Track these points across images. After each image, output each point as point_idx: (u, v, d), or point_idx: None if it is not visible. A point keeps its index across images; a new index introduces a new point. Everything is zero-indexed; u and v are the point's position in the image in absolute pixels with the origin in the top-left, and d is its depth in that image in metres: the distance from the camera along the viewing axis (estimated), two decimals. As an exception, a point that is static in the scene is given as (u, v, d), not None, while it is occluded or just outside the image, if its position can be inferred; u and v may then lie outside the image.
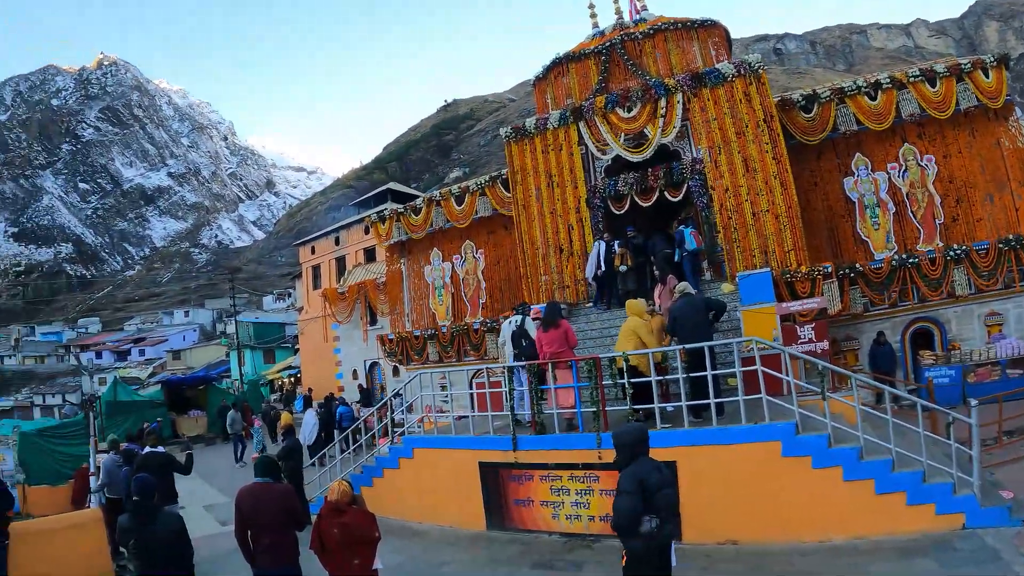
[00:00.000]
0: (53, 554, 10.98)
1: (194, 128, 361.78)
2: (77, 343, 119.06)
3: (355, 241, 38.01)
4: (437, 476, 13.18)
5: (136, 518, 6.97)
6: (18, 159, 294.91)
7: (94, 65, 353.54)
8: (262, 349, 60.61)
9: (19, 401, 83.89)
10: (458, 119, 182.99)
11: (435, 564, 10.62)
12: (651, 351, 10.76)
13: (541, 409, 11.64)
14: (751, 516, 9.66)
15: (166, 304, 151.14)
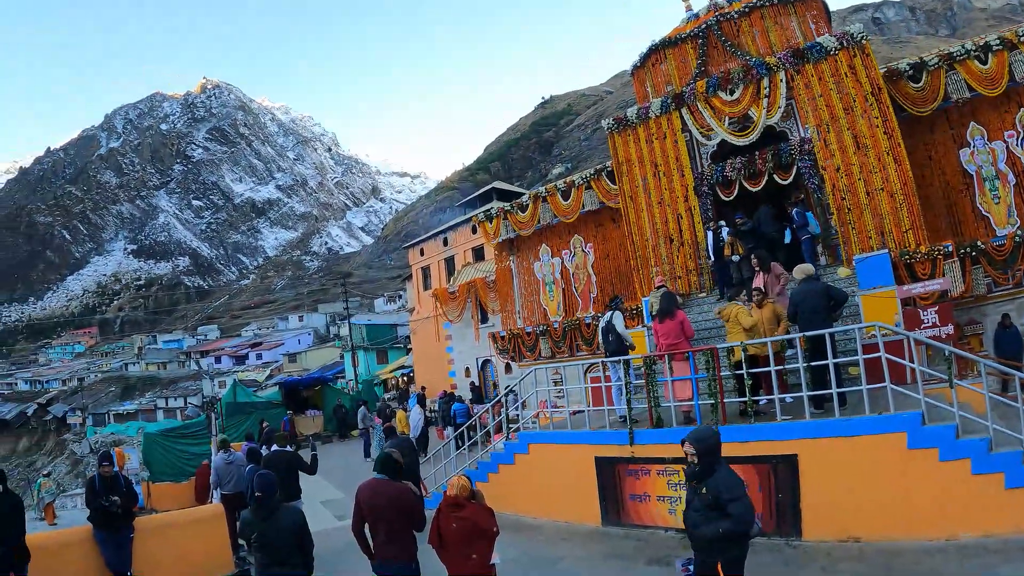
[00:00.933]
0: (176, 547, 11.46)
1: (299, 141, 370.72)
2: (197, 349, 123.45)
3: (463, 241, 38.20)
4: (552, 471, 13.10)
5: (258, 513, 7.14)
6: (133, 182, 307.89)
7: (198, 89, 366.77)
8: (375, 350, 61.52)
9: (143, 405, 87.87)
10: (557, 115, 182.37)
11: (550, 559, 10.58)
12: (769, 340, 10.45)
13: (658, 402, 11.42)
14: (874, 512, 9.21)
15: (281, 310, 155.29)
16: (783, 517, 9.87)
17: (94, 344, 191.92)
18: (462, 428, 18.19)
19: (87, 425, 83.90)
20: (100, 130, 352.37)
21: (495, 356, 28.80)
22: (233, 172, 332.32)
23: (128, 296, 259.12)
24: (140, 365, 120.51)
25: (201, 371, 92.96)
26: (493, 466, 14.37)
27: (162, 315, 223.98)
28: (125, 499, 10.65)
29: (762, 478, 10.10)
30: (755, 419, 10.43)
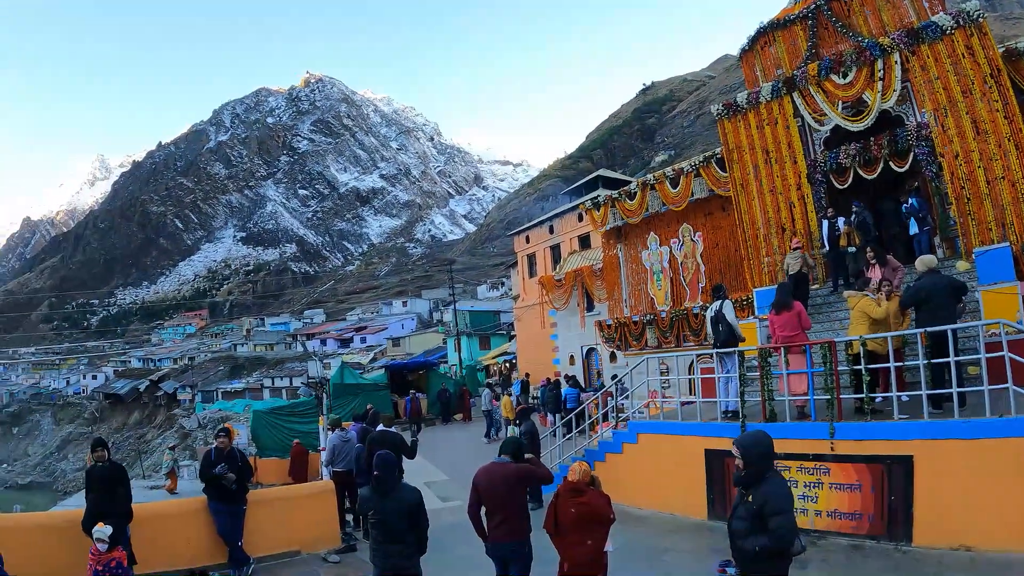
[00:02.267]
0: (286, 520, 12.04)
1: (401, 132, 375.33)
2: (303, 332, 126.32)
3: (569, 229, 38.00)
4: (660, 462, 13.05)
5: (377, 491, 7.29)
6: (242, 173, 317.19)
7: (302, 83, 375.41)
8: (478, 336, 61.94)
9: (250, 383, 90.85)
10: (658, 101, 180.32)
11: (656, 550, 10.58)
12: (891, 335, 10.13)
13: (772, 396, 11.22)
14: (990, 520, 8.73)
15: (385, 295, 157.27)
16: (894, 520, 9.60)
17: (204, 326, 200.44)
18: (571, 415, 18.27)
19: (196, 401, 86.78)
20: (209, 124, 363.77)
21: (600, 344, 28.52)
22: (338, 162, 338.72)
23: (237, 281, 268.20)
24: (248, 346, 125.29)
25: (311, 353, 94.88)
26: (600, 454, 14.39)
27: (269, 299, 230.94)
28: (240, 473, 11.04)
29: (875, 479, 9.83)
30: (871, 417, 10.12)
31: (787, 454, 10.45)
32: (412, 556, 7.26)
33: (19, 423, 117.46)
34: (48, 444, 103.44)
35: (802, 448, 10.58)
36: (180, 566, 10.56)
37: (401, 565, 7.16)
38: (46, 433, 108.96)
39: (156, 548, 9.47)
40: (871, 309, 10.75)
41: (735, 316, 12.64)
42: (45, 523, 11.92)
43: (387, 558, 7.18)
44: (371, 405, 23.98)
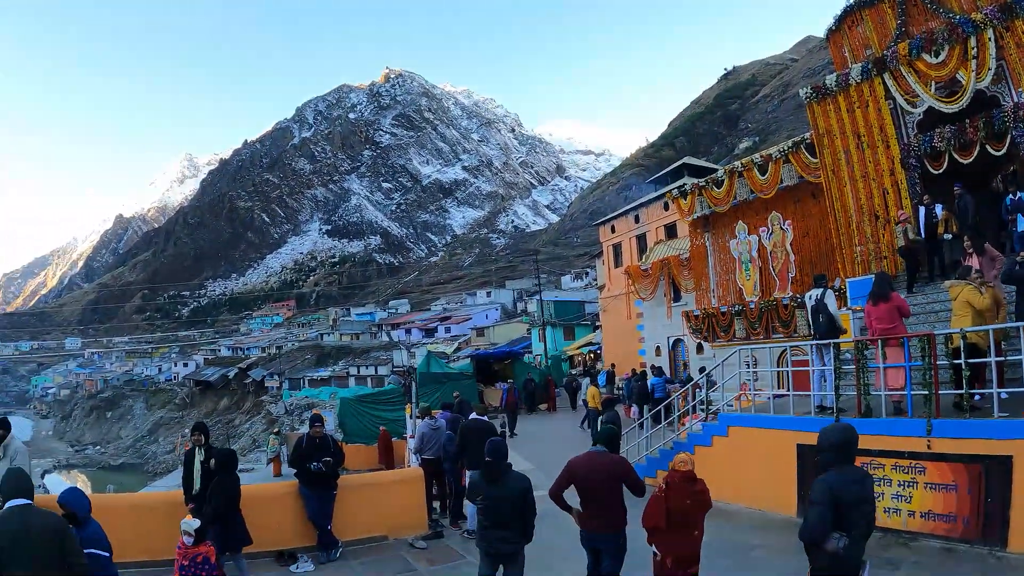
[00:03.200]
0: (375, 506, 12.25)
1: (482, 124, 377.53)
2: (388, 322, 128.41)
3: (655, 218, 37.58)
4: (750, 456, 12.78)
5: (487, 477, 7.49)
6: (326, 168, 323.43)
7: (382, 79, 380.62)
8: (562, 326, 61.76)
9: (336, 372, 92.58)
10: (741, 86, 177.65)
11: (744, 546, 10.37)
12: (992, 327, 9.65)
13: (868, 390, 10.84)
14: None
15: (469, 286, 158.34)
16: (990, 524, 9.11)
17: (291, 316, 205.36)
18: (659, 407, 18.10)
19: (283, 388, 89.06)
20: (292, 122, 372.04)
21: (687, 335, 27.98)
22: (420, 155, 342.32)
23: (323, 272, 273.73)
24: (334, 335, 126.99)
25: (399, 342, 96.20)
26: (689, 447, 14.11)
27: (355, 290, 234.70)
28: (333, 459, 11.24)
29: (972, 479, 9.37)
30: (970, 414, 9.66)
31: (882, 451, 10.21)
32: (517, 542, 7.41)
33: (113, 408, 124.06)
34: (140, 428, 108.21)
35: (897, 445, 10.19)
36: (269, 547, 10.92)
37: (506, 550, 7.34)
38: (138, 417, 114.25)
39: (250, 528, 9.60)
40: (975, 299, 10.25)
41: (836, 307, 12.29)
42: (139, 503, 12.82)
43: (493, 543, 7.38)
44: (458, 393, 24.19)
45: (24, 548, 5.05)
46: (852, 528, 5.37)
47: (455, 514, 13.28)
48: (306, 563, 10.72)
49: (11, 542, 5.03)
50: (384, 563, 10.82)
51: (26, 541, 5.06)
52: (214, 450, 10.11)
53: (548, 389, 37.95)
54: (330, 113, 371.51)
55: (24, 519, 5.17)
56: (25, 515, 5.21)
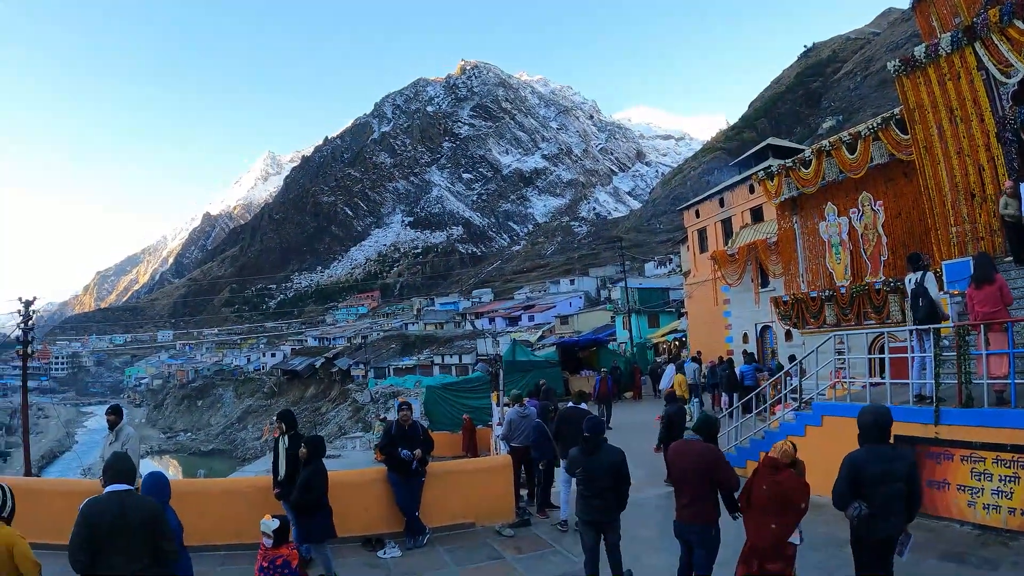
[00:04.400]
0: (462, 493, 12.25)
1: (560, 111, 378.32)
2: (472, 311, 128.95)
3: (740, 202, 36.76)
4: (845, 447, 11.99)
5: (585, 450, 8.19)
6: (406, 161, 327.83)
7: (458, 71, 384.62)
8: (646, 314, 61.21)
9: (421, 360, 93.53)
10: (821, 64, 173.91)
11: (836, 541, 9.84)
12: None
13: (970, 379, 10.26)
14: None
15: (552, 274, 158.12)
16: None
17: (376, 306, 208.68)
18: (750, 395, 17.73)
19: (369, 377, 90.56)
20: (371, 117, 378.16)
21: (776, 322, 27.34)
22: (499, 145, 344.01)
23: (407, 263, 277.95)
24: (418, 325, 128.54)
25: (483, 331, 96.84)
26: (781, 436, 13.48)
27: (438, 280, 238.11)
28: (422, 446, 11.36)
29: None
30: None
31: (983, 444, 9.76)
32: (612, 511, 8.10)
33: (203, 396, 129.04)
34: (230, 415, 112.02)
35: (999, 438, 9.63)
36: (357, 532, 11.12)
37: (603, 518, 8.06)
38: (228, 405, 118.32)
39: (335, 516, 9.76)
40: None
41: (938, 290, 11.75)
42: (229, 488, 13.21)
43: (590, 512, 8.08)
44: (544, 381, 23.97)
45: (121, 533, 5.24)
46: (872, 501, 6.18)
47: (543, 503, 13.13)
48: (393, 549, 10.87)
49: (109, 526, 5.22)
50: (471, 550, 10.89)
51: (123, 526, 5.26)
52: (302, 437, 10.26)
53: (633, 377, 37.65)
54: (408, 107, 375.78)
55: (122, 504, 5.36)
56: (124, 500, 5.41)
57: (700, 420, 7.98)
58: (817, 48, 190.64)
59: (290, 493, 9.73)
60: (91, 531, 5.22)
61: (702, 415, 8.27)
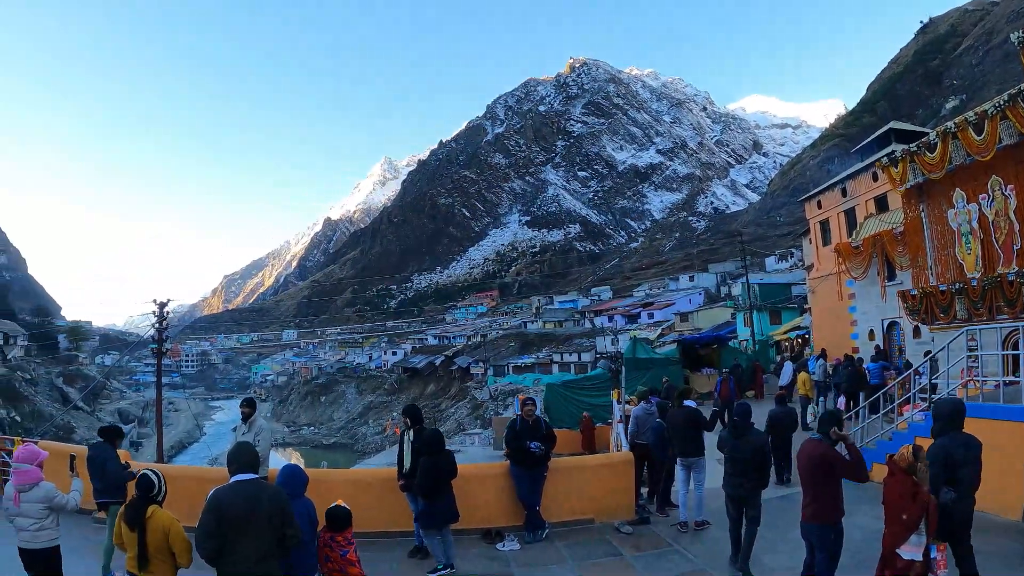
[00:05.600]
0: (583, 488, 12.25)
1: (672, 105, 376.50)
2: (591, 309, 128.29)
3: (863, 191, 35.19)
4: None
5: (733, 433, 9.36)
6: (521, 161, 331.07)
7: (567, 70, 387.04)
8: (768, 310, 59.95)
9: (540, 359, 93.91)
10: (940, 40, 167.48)
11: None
12: None
13: None
14: None
15: (670, 271, 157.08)
16: None
17: (495, 305, 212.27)
18: (877, 394, 16.97)
19: (488, 375, 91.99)
20: (484, 119, 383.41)
21: (903, 318, 25.87)
22: (613, 141, 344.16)
23: (524, 262, 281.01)
24: (537, 323, 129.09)
25: (602, 328, 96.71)
26: (909, 438, 12.76)
27: (556, 278, 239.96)
28: (545, 441, 11.38)
29: None
30: None
31: None
32: (755, 489, 9.20)
33: (326, 392, 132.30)
34: (351, 411, 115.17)
35: None
36: (477, 525, 11.26)
37: (744, 493, 9.15)
38: (350, 401, 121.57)
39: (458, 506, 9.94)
40: None
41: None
42: (354, 479, 14.09)
43: (734, 488, 9.26)
44: (667, 379, 24.34)
45: (249, 520, 5.46)
46: (961, 484, 6.84)
47: (663, 501, 13.03)
48: (512, 542, 10.97)
49: (240, 513, 5.45)
50: (589, 546, 10.89)
51: (253, 512, 5.48)
52: (426, 432, 10.43)
53: (755, 375, 36.34)
54: (520, 107, 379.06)
55: (252, 492, 5.63)
56: (253, 488, 5.68)
57: (821, 418, 7.97)
58: (935, 23, 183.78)
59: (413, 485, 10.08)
60: (220, 519, 5.43)
61: (824, 413, 8.39)
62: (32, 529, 7.00)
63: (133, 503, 6.07)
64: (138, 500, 6.03)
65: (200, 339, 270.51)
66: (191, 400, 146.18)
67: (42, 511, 7.04)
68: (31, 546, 7.01)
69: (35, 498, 7.04)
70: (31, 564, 7.04)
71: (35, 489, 7.08)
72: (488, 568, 10.13)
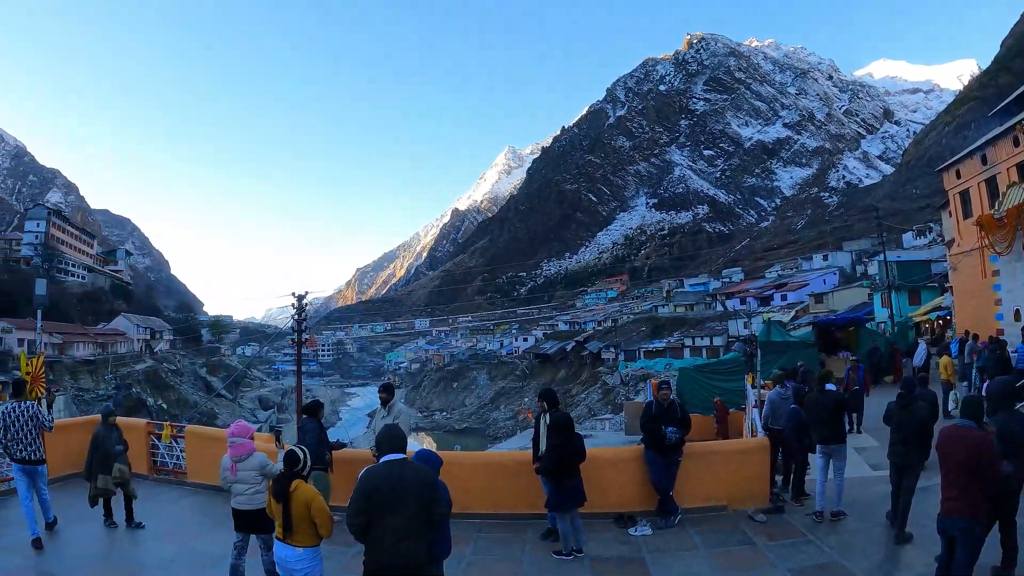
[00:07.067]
0: (717, 474, 12.20)
1: (796, 75, 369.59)
2: (722, 292, 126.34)
3: (1004, 157, 32.47)
4: None
5: (900, 403, 10.10)
6: (645, 142, 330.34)
7: (685, 46, 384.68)
8: (906, 289, 57.63)
9: (671, 343, 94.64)
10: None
11: None
12: None
13: None
14: None
15: (803, 250, 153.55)
16: None
17: (625, 290, 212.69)
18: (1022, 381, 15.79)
19: (619, 360, 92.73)
20: (605, 103, 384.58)
21: None
22: (737, 117, 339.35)
23: (653, 245, 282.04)
24: (668, 307, 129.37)
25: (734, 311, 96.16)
26: None
27: (686, 261, 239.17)
28: (680, 425, 11.44)
29: None
30: None
31: None
32: (917, 459, 9.86)
33: (458, 379, 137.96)
34: (483, 397, 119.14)
35: None
36: (609, 509, 11.43)
37: (905, 463, 9.80)
38: (481, 387, 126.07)
39: (589, 491, 10.12)
40: None
41: None
42: (489, 461, 14.44)
43: (897, 456, 9.93)
44: (802, 363, 23.10)
45: (401, 497, 5.77)
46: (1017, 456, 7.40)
47: (798, 490, 12.70)
48: (644, 527, 10.98)
49: (390, 491, 5.76)
50: (722, 534, 10.80)
51: (401, 492, 5.78)
52: (563, 415, 10.52)
53: (894, 359, 34.40)
54: (640, 88, 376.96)
55: (401, 472, 5.93)
56: (402, 468, 5.98)
57: (967, 402, 7.78)
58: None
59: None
60: (369, 497, 5.76)
61: (967, 397, 8.41)
62: (248, 493, 8.21)
63: (280, 477, 6.74)
64: (285, 474, 6.70)
65: (335, 329, 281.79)
66: (328, 387, 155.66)
67: (256, 477, 8.24)
68: (247, 507, 8.19)
69: (250, 466, 8.28)
70: (246, 523, 8.25)
71: (250, 459, 8.33)
72: (619, 552, 10.15)
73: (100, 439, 11.17)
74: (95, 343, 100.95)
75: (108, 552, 10.54)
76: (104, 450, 11.05)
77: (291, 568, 6.56)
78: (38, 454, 10.57)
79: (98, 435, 11.24)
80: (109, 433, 11.34)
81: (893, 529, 9.80)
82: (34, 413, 10.62)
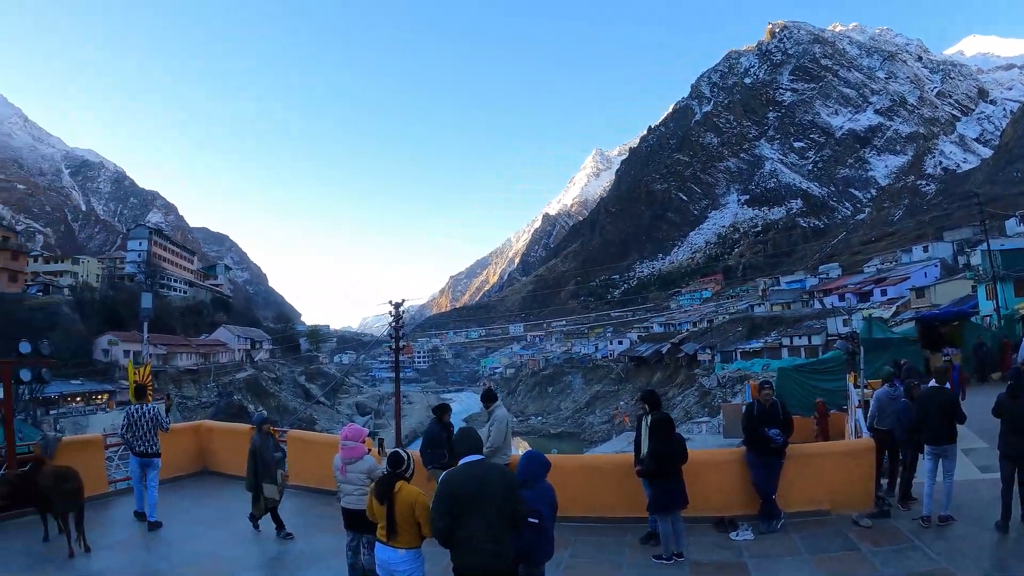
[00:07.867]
0: (821, 477, 11.90)
1: (884, 59, 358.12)
2: (819, 288, 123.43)
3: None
4: None
5: (1011, 395, 9.99)
6: (733, 137, 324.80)
7: (767, 36, 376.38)
8: (1012, 280, 55.87)
9: (768, 343, 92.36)
10: None
11: None
12: None
13: None
14: None
15: (902, 242, 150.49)
16: None
17: (719, 289, 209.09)
18: None
19: (715, 361, 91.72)
20: (690, 99, 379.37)
21: None
22: (826, 106, 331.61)
23: (747, 243, 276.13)
24: (764, 306, 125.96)
25: (833, 309, 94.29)
26: None
27: (781, 257, 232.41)
28: (783, 427, 11.28)
29: None
30: None
31: None
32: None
33: (553, 383, 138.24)
34: (578, 400, 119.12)
35: None
36: (710, 512, 11.30)
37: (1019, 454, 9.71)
38: (576, 391, 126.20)
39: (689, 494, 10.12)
40: None
41: None
42: (588, 464, 14.58)
43: (1010, 447, 9.82)
44: (905, 360, 23.36)
45: (482, 497, 5.89)
46: None
47: (904, 493, 12.12)
48: (746, 531, 10.82)
49: (472, 491, 5.91)
50: (825, 539, 10.53)
51: (484, 491, 5.92)
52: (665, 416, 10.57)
53: (1003, 354, 33.50)
54: (724, 83, 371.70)
55: (483, 473, 6.09)
56: (483, 469, 6.16)
57: None
58: None
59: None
60: (452, 499, 5.91)
61: None
62: (356, 494, 8.43)
63: (384, 478, 6.75)
64: (388, 476, 6.69)
65: (431, 336, 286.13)
66: (424, 393, 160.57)
67: (363, 479, 8.49)
68: (355, 507, 8.38)
69: (360, 469, 8.57)
70: (355, 522, 8.44)
71: (360, 462, 8.63)
72: (720, 557, 10.09)
73: (258, 448, 11.45)
74: (197, 353, 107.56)
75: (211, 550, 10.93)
76: (264, 459, 11.38)
77: (393, 570, 6.52)
78: (154, 448, 12.04)
79: (255, 444, 11.51)
80: (265, 441, 11.63)
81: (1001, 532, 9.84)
82: (154, 415, 12.12)
